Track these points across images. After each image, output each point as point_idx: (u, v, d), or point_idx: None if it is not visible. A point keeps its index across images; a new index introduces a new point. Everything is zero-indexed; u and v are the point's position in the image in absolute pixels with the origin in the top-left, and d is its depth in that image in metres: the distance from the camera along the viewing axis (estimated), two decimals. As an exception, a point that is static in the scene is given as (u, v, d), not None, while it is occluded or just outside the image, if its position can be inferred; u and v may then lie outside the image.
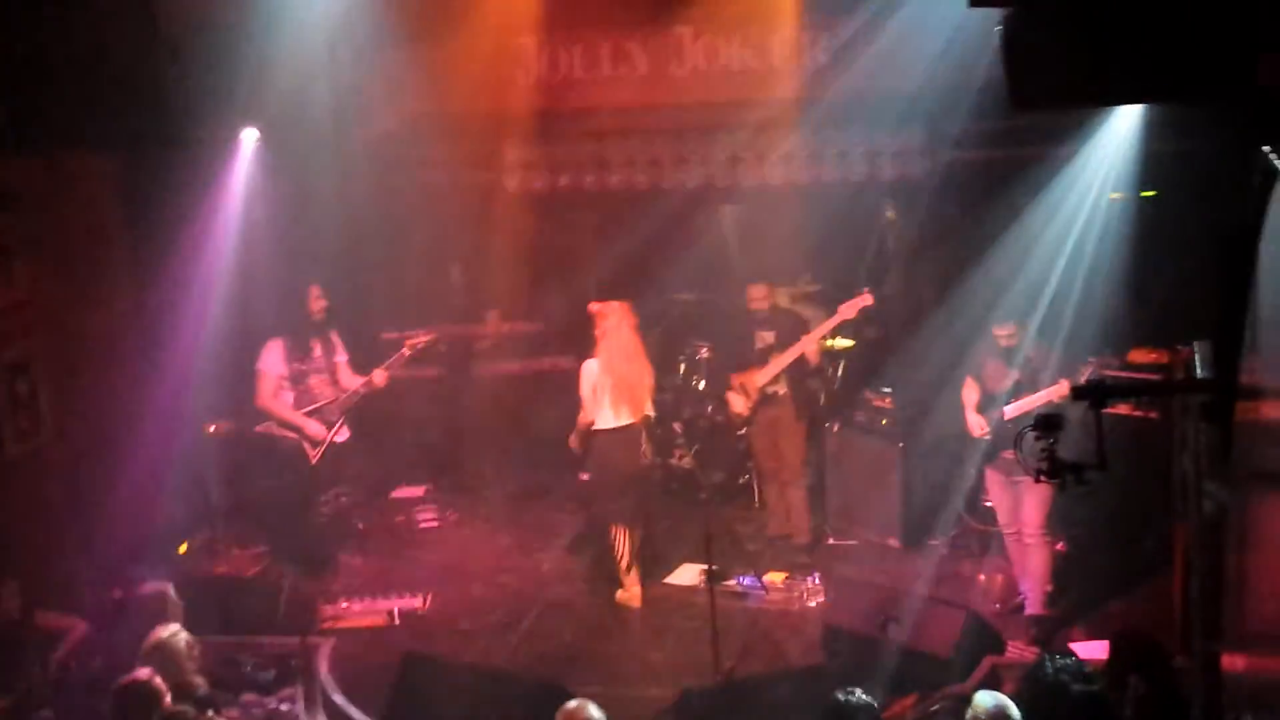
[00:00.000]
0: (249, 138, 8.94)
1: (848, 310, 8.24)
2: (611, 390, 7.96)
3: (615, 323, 7.98)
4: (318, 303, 8.56)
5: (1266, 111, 4.52)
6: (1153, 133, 8.36)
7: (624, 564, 8.13)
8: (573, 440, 8.17)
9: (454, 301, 10.93)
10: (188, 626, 5.94)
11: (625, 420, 8.02)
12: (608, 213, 10.63)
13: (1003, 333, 7.34)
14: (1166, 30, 4.38)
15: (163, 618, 5.97)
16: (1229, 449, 3.31)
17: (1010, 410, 7.22)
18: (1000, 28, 4.69)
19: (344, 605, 8.05)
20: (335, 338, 8.75)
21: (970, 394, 7.57)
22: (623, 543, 8.12)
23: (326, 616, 7.92)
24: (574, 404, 8.16)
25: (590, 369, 8.00)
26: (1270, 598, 2.53)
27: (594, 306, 8.12)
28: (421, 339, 8.74)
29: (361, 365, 8.77)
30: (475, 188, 10.34)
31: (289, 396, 8.54)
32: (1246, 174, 3.22)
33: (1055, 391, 6.91)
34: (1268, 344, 2.70)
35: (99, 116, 4.62)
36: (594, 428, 8.03)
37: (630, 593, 8.16)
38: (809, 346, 8.44)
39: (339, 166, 9.90)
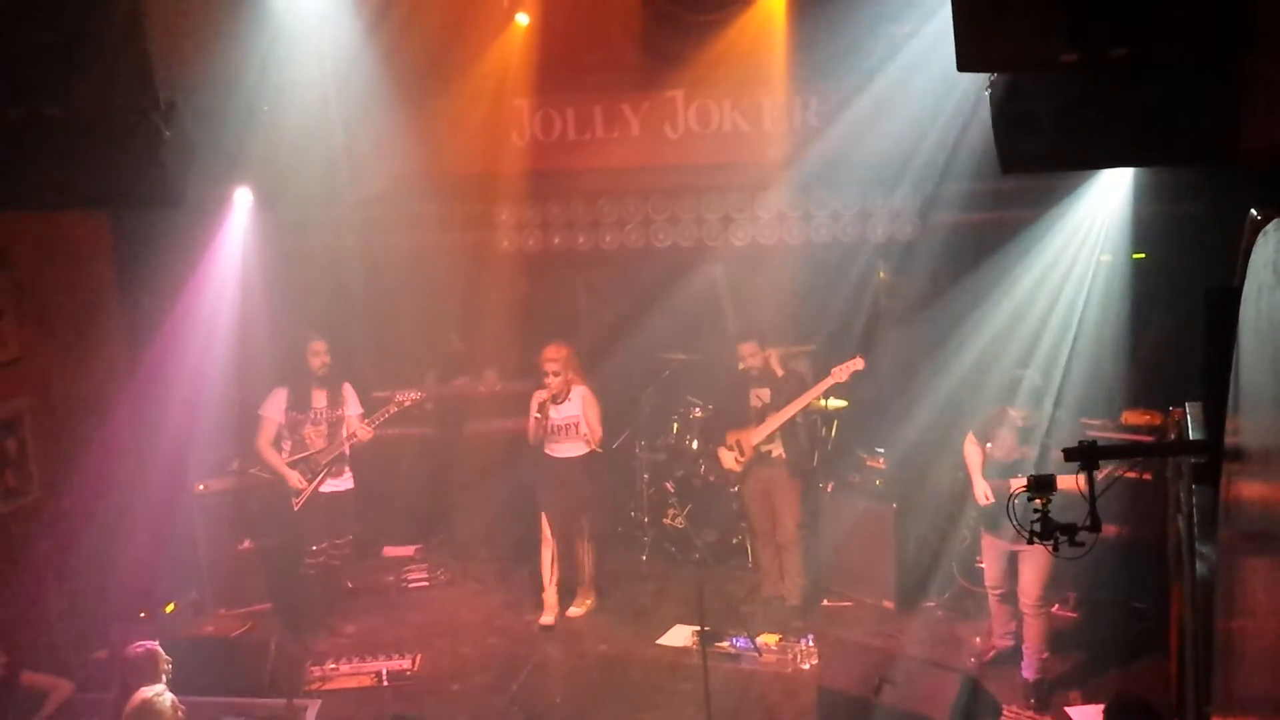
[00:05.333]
0: (243, 197, 9.00)
1: (840, 374, 8.23)
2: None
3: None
4: (316, 358, 8.55)
5: (1253, 174, 4.57)
6: (1143, 195, 8.44)
7: (549, 582, 8.75)
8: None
9: (447, 360, 10.93)
10: (174, 687, 5.89)
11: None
12: (601, 272, 10.67)
13: (1018, 414, 7.28)
14: (1150, 96, 4.44)
15: (148, 678, 5.90)
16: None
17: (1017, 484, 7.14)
18: (989, 91, 4.75)
19: (332, 666, 8.00)
20: (348, 390, 8.71)
21: (973, 452, 7.52)
22: (550, 563, 8.72)
23: (314, 677, 7.87)
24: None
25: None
26: (1256, 661, 2.51)
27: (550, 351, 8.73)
28: (411, 396, 8.72)
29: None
30: (469, 247, 10.40)
31: (285, 444, 8.57)
32: (1234, 235, 3.25)
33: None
34: (1247, 404, 2.70)
35: (91, 174, 4.63)
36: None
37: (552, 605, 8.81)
38: (801, 407, 8.43)
39: (333, 226, 9.96)
